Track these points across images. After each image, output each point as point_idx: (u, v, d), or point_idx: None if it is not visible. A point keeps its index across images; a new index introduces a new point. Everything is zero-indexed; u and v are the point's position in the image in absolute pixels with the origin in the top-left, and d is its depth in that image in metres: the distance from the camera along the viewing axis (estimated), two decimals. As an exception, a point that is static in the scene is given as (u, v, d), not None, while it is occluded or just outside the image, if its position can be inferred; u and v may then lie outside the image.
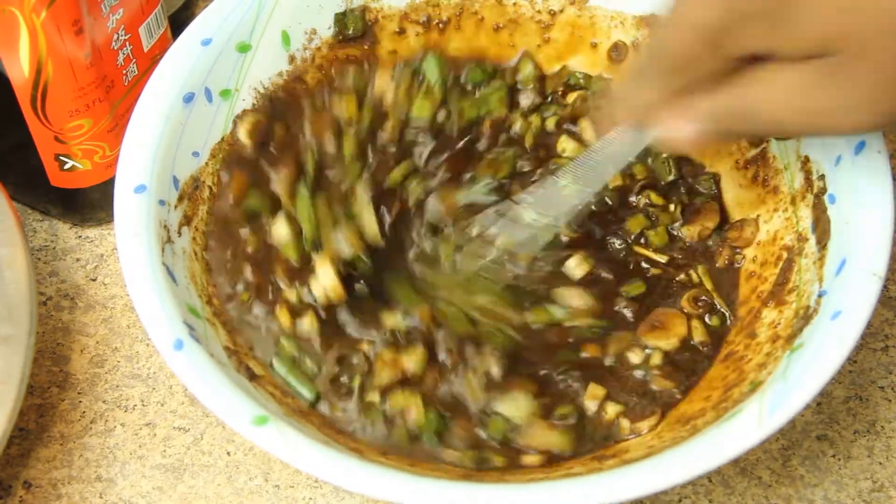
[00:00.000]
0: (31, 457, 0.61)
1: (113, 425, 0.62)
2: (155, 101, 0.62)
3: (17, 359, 0.56)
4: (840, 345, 0.52)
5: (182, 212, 0.61)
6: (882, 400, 0.63)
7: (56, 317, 0.66)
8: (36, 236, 0.69)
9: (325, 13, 0.69)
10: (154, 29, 0.66)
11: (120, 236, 0.57)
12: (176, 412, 0.62)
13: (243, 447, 0.61)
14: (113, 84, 0.64)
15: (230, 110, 0.65)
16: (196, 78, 0.63)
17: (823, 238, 0.58)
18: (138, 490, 0.59)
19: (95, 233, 0.69)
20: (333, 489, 0.59)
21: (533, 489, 0.50)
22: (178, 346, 0.54)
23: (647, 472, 0.51)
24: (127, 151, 0.60)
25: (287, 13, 0.67)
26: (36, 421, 0.62)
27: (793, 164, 0.63)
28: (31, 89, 0.61)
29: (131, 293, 0.56)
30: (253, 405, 0.52)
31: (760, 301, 0.61)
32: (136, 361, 0.64)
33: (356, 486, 0.50)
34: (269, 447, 0.51)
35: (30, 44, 0.58)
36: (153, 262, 0.57)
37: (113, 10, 0.62)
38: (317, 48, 0.67)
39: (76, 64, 0.60)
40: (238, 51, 0.65)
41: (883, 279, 0.54)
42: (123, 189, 0.59)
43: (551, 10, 0.69)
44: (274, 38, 0.67)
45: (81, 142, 0.64)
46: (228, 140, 0.63)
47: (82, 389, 0.63)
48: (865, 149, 0.59)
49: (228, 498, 0.59)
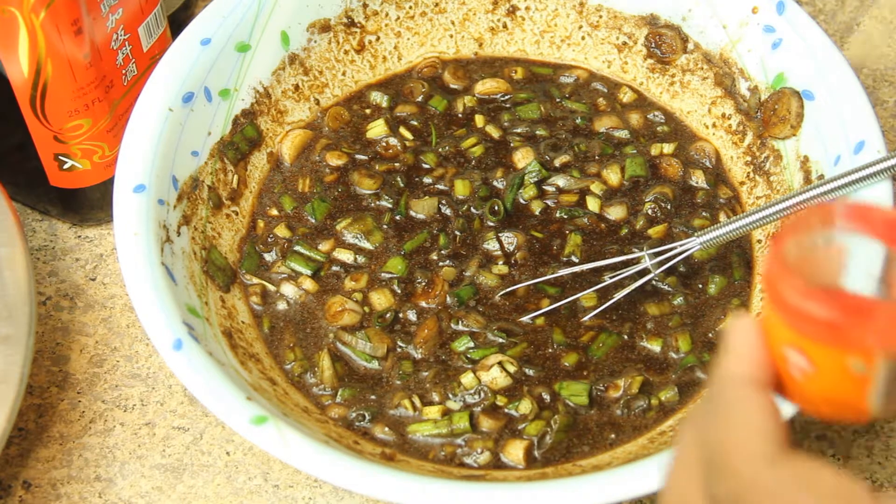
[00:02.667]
0: (30, 457, 0.61)
1: (112, 425, 0.62)
2: (154, 101, 0.62)
3: (17, 359, 0.56)
4: (839, 344, 0.52)
5: (181, 211, 0.61)
6: (881, 400, 0.63)
7: (55, 317, 0.66)
8: (35, 236, 0.69)
9: (324, 12, 0.69)
10: (153, 29, 0.66)
11: (119, 236, 0.57)
12: (175, 412, 0.62)
13: (242, 447, 0.61)
14: (112, 84, 0.64)
15: (229, 110, 0.65)
16: (195, 78, 0.63)
17: (823, 238, 0.58)
18: (137, 490, 0.59)
19: (95, 232, 0.69)
20: (333, 489, 0.59)
21: (528, 488, 0.51)
22: (178, 345, 0.54)
23: (648, 471, 0.51)
24: (126, 151, 0.60)
25: (286, 13, 0.67)
26: (35, 421, 0.62)
27: (792, 164, 0.63)
28: (31, 89, 0.61)
29: (130, 293, 0.56)
30: (252, 405, 0.52)
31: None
32: (136, 361, 0.64)
33: (355, 486, 0.50)
34: (268, 447, 0.51)
35: (29, 44, 0.58)
36: (152, 261, 0.57)
37: (112, 10, 0.62)
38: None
39: (75, 64, 0.60)
40: (237, 50, 0.65)
41: (882, 279, 0.54)
42: (123, 189, 0.59)
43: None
44: (273, 38, 0.67)
45: (81, 141, 0.64)
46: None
47: (82, 389, 0.63)
48: (865, 148, 0.59)
49: (228, 497, 0.59)
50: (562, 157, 0.67)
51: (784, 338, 0.38)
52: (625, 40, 0.71)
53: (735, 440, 0.37)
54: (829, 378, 0.38)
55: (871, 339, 0.36)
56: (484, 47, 0.73)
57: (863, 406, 0.38)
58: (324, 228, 0.65)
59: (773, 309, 0.38)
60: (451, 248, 0.64)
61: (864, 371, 0.37)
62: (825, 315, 0.37)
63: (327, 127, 0.69)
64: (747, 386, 0.38)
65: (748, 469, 0.36)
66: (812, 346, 0.37)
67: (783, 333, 0.38)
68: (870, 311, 0.37)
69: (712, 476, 0.37)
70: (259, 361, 0.59)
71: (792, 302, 0.37)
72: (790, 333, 0.38)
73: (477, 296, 0.62)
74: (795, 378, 0.38)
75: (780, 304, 0.38)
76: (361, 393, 0.59)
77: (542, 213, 0.65)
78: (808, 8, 0.80)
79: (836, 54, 0.63)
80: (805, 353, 0.38)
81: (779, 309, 0.38)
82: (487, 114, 0.70)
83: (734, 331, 0.39)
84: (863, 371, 0.37)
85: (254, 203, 0.66)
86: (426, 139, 0.69)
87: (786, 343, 0.38)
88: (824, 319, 0.37)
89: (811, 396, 0.39)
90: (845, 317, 0.37)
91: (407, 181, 0.67)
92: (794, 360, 0.38)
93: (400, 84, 0.72)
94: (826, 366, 0.38)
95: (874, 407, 0.38)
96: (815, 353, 0.38)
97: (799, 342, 0.38)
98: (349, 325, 0.61)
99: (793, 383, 0.39)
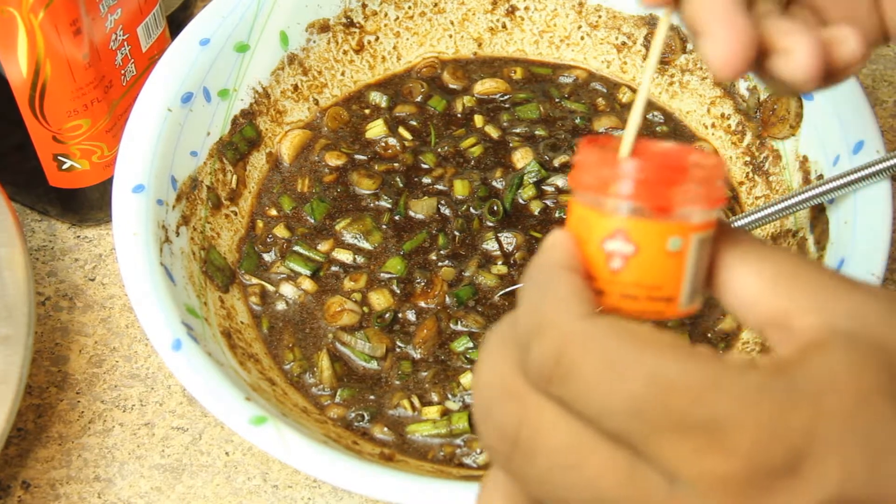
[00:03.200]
0: (29, 457, 0.61)
1: (111, 425, 0.62)
2: (153, 101, 0.62)
3: (16, 359, 0.56)
4: (838, 344, 0.52)
5: (180, 212, 0.61)
6: (880, 400, 0.63)
7: (55, 317, 0.66)
8: (34, 236, 0.69)
9: (323, 13, 0.69)
10: (152, 29, 0.66)
11: (118, 236, 0.57)
12: (174, 412, 0.62)
13: (242, 447, 0.61)
14: (111, 84, 0.64)
15: (228, 110, 0.65)
16: (194, 78, 0.63)
17: (822, 238, 0.58)
18: (137, 490, 0.59)
19: (94, 233, 0.69)
20: (332, 489, 0.59)
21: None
22: (177, 346, 0.54)
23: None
24: (125, 151, 0.60)
25: (285, 13, 0.67)
26: (34, 421, 0.62)
27: (791, 164, 0.63)
28: (30, 89, 0.60)
29: (129, 293, 0.56)
30: (251, 405, 0.52)
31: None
32: (135, 361, 0.64)
33: (354, 486, 0.50)
34: (267, 447, 0.51)
35: (28, 44, 0.58)
36: (151, 262, 0.57)
37: (111, 10, 0.62)
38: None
39: (74, 64, 0.60)
40: (236, 51, 0.65)
41: (881, 279, 0.54)
42: (122, 189, 0.59)
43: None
44: (272, 38, 0.67)
45: (80, 142, 0.64)
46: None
47: (81, 389, 0.63)
48: (864, 148, 0.59)
49: (227, 498, 0.59)
50: (561, 158, 0.67)
51: (602, 229, 0.38)
52: (624, 40, 0.71)
53: (550, 306, 0.35)
54: (648, 258, 0.38)
55: (684, 197, 0.37)
56: (483, 47, 0.73)
57: (676, 291, 0.38)
58: (323, 228, 0.65)
59: (586, 207, 0.38)
60: (451, 249, 0.64)
61: (680, 247, 0.37)
62: (643, 174, 0.37)
63: (326, 127, 0.69)
64: (557, 269, 0.37)
65: (566, 322, 0.34)
66: (634, 223, 0.37)
67: (601, 225, 0.38)
68: (681, 170, 0.37)
69: (530, 342, 0.35)
70: (258, 362, 0.59)
71: (609, 173, 0.37)
72: (610, 220, 0.38)
73: (476, 296, 0.62)
74: (613, 270, 0.38)
75: (594, 187, 0.38)
76: (360, 393, 0.59)
77: (541, 214, 0.65)
78: (808, 8, 0.80)
79: (835, 54, 0.63)
80: (626, 234, 0.38)
81: (596, 191, 0.38)
82: (486, 114, 0.70)
83: (547, 237, 0.38)
84: (679, 247, 0.37)
85: (253, 203, 0.66)
86: (425, 139, 0.69)
87: (605, 234, 0.38)
88: (642, 178, 0.37)
89: (627, 284, 0.38)
90: (660, 174, 0.37)
91: (406, 181, 0.67)
92: (614, 247, 0.38)
93: (399, 84, 0.72)
94: (647, 243, 0.37)
95: (684, 293, 0.38)
96: (636, 230, 0.37)
97: (621, 223, 0.37)
98: (348, 325, 0.61)
99: (609, 278, 0.38)
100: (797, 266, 0.36)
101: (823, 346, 0.33)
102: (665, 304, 0.38)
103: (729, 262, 0.38)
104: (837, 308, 0.34)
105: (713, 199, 0.38)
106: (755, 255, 0.37)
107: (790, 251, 0.38)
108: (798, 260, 0.36)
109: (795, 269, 0.36)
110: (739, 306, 0.37)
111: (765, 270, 0.36)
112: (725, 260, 0.38)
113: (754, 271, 0.37)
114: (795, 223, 0.61)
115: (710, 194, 0.38)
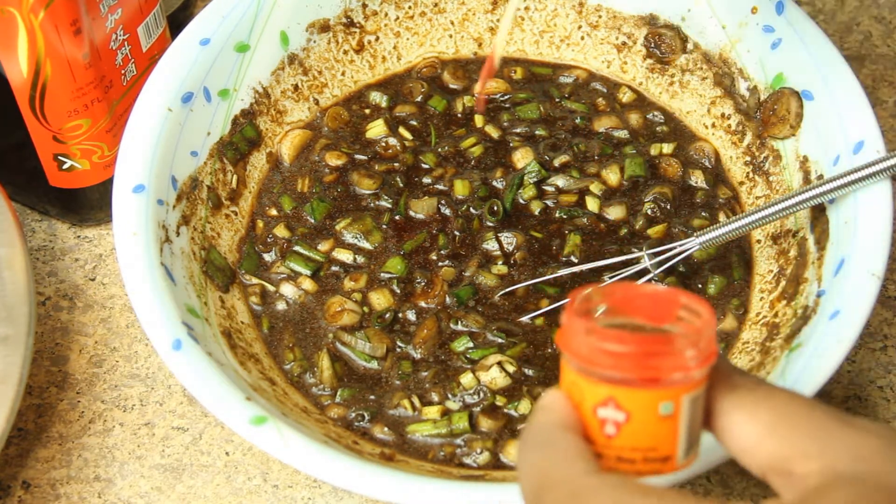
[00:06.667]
0: (29, 457, 0.61)
1: (111, 425, 0.62)
2: (153, 101, 0.62)
3: (16, 359, 0.56)
4: (838, 345, 0.52)
5: (180, 212, 0.61)
6: (881, 399, 0.63)
7: (55, 317, 0.66)
8: (34, 236, 0.69)
9: (323, 12, 0.69)
10: (152, 29, 0.66)
11: (118, 236, 0.57)
12: (175, 412, 0.62)
13: (242, 447, 0.61)
14: (111, 84, 0.64)
15: (229, 110, 0.65)
16: (194, 78, 0.63)
17: (822, 238, 0.58)
18: (137, 490, 0.59)
19: (94, 233, 0.69)
20: (332, 489, 0.59)
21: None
22: (177, 346, 0.54)
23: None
24: (125, 151, 0.60)
25: (285, 13, 0.67)
26: (34, 421, 0.62)
27: (791, 164, 0.63)
28: (30, 89, 0.61)
29: (130, 293, 0.56)
30: (251, 405, 0.52)
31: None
32: (135, 361, 0.64)
33: (355, 486, 0.50)
34: (268, 447, 0.51)
35: (28, 44, 0.58)
36: (152, 262, 0.57)
37: (111, 10, 0.62)
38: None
39: (74, 64, 0.60)
40: (237, 51, 0.65)
41: (881, 279, 0.54)
42: (122, 189, 0.59)
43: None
44: (272, 38, 0.67)
45: (80, 142, 0.64)
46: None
47: (81, 389, 0.63)
48: (864, 148, 0.59)
49: (227, 498, 0.59)
50: (561, 158, 0.67)
51: (594, 396, 0.39)
52: (624, 40, 0.71)
53: (557, 465, 0.37)
54: (641, 424, 0.38)
55: (671, 365, 0.37)
56: (483, 47, 0.73)
57: (672, 450, 0.39)
58: (323, 228, 0.65)
59: (576, 373, 0.39)
60: (451, 249, 0.64)
61: (672, 411, 0.38)
62: (626, 348, 0.38)
63: (326, 127, 0.69)
64: (558, 429, 0.39)
65: (577, 476, 0.36)
66: (623, 392, 0.38)
67: (592, 392, 0.39)
68: (666, 340, 0.38)
69: (542, 497, 0.37)
70: (258, 362, 0.59)
71: (593, 345, 0.38)
72: (600, 388, 0.38)
73: (476, 296, 0.62)
74: (609, 435, 0.39)
75: (581, 356, 0.38)
76: (361, 393, 0.59)
77: (541, 214, 0.65)
78: (808, 8, 0.80)
79: (835, 54, 0.63)
80: (617, 402, 0.38)
81: (582, 362, 0.39)
82: (487, 114, 0.70)
83: (542, 396, 0.40)
84: (671, 411, 0.38)
85: (253, 203, 0.66)
86: (425, 139, 0.69)
87: (596, 402, 0.39)
88: (626, 352, 0.38)
89: (623, 448, 0.39)
90: (644, 346, 0.38)
91: (406, 181, 0.67)
92: (606, 414, 0.39)
93: (399, 84, 0.72)
94: (638, 410, 0.38)
95: (680, 450, 0.39)
96: (626, 399, 0.38)
97: (610, 392, 0.38)
98: (348, 325, 0.61)
99: (605, 443, 0.39)
100: (794, 408, 0.37)
101: (827, 491, 0.34)
102: (661, 463, 0.39)
103: (726, 407, 0.39)
104: (838, 450, 0.35)
105: (703, 358, 0.38)
106: (751, 399, 0.38)
107: (785, 390, 0.39)
108: (794, 400, 0.37)
109: (792, 412, 0.37)
110: (740, 452, 0.38)
111: (762, 415, 0.37)
112: (722, 406, 0.39)
113: (752, 418, 0.38)
114: (795, 223, 0.61)
115: (700, 354, 0.38)
